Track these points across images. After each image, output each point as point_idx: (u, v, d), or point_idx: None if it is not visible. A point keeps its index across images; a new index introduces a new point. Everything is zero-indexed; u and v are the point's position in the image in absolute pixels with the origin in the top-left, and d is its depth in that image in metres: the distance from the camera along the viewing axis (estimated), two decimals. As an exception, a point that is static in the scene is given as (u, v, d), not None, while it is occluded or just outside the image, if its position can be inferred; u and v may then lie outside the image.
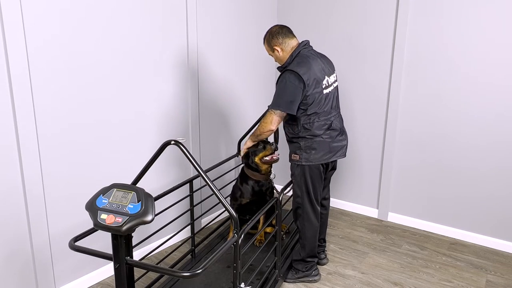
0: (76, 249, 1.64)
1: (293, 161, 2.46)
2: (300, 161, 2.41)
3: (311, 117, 2.35)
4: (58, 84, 2.21)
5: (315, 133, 2.37)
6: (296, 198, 2.50)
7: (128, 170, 2.65)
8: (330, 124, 2.42)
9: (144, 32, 2.62)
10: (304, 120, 2.36)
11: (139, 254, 2.72)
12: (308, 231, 2.52)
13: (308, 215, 2.49)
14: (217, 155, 3.44)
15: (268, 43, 2.44)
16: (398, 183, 3.49)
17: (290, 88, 2.28)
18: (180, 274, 1.60)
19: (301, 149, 2.40)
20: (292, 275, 2.63)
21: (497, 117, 2.97)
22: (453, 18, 3.01)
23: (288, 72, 2.30)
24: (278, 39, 2.39)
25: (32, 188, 2.16)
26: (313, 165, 2.41)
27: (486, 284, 2.69)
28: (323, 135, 2.39)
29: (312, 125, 2.36)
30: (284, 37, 2.40)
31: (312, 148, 2.38)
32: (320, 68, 2.36)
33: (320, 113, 2.37)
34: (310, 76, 2.28)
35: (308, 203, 2.47)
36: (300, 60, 2.32)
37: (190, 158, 1.78)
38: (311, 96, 2.30)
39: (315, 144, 2.38)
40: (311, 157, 2.39)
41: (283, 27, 2.44)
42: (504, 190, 3.03)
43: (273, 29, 2.43)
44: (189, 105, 3.06)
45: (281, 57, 2.42)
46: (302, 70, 2.27)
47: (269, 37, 2.43)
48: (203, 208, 3.21)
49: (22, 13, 1.99)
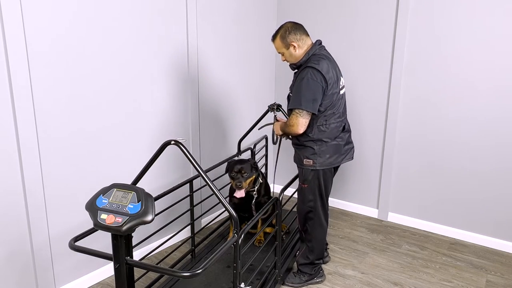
0: (76, 249, 1.64)
1: (305, 166, 2.38)
2: (314, 165, 2.35)
3: (329, 117, 2.30)
4: (58, 84, 2.21)
5: (330, 136, 2.32)
6: (308, 203, 2.44)
7: (128, 170, 2.64)
8: (344, 126, 2.41)
9: (144, 34, 2.62)
10: (321, 121, 2.29)
11: (139, 254, 2.72)
12: (319, 234, 2.51)
13: (320, 218, 2.47)
14: (217, 155, 3.44)
15: (282, 39, 2.30)
16: (398, 183, 3.49)
17: (313, 85, 2.19)
18: (180, 274, 1.60)
19: (316, 154, 2.33)
20: (300, 279, 2.59)
21: (497, 118, 2.97)
22: (453, 20, 3.01)
23: (310, 69, 2.20)
24: (296, 34, 2.28)
25: (32, 188, 2.16)
26: (327, 168, 2.38)
27: (486, 284, 2.69)
28: (338, 138, 2.36)
29: (329, 126, 2.31)
30: (301, 33, 2.30)
31: (327, 153, 2.34)
32: (334, 68, 2.32)
33: (337, 114, 2.33)
34: (331, 75, 2.24)
35: (320, 206, 2.45)
36: (318, 59, 2.24)
37: (190, 158, 1.78)
38: (330, 96, 2.26)
39: (330, 148, 2.34)
40: (326, 161, 2.35)
41: (298, 24, 2.34)
42: (504, 191, 3.03)
43: (288, 25, 2.31)
44: (189, 105, 3.06)
45: (296, 55, 2.31)
46: (324, 68, 2.21)
47: (284, 33, 2.29)
48: (203, 208, 3.21)
49: (22, 18, 1.98)
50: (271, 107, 2.85)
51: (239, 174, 2.64)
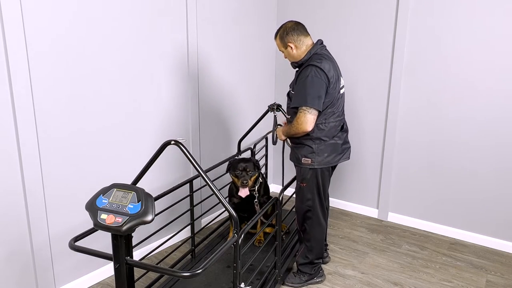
0: (76, 249, 1.64)
1: (303, 165, 2.39)
2: (312, 164, 2.36)
3: (328, 116, 2.31)
4: (58, 84, 2.21)
5: (328, 135, 2.33)
6: (306, 202, 2.45)
7: (128, 170, 2.64)
8: (342, 126, 2.42)
9: (144, 34, 2.62)
10: (320, 120, 2.29)
11: (139, 254, 2.72)
12: (318, 234, 2.51)
13: (319, 218, 2.47)
14: (217, 155, 3.44)
15: (281, 39, 2.34)
16: (398, 183, 3.49)
17: (317, 83, 2.19)
18: (180, 274, 1.60)
19: (314, 153, 2.34)
20: (300, 279, 2.59)
21: (497, 118, 2.97)
22: (453, 21, 3.01)
23: (313, 67, 2.21)
24: (293, 35, 2.31)
25: (32, 188, 2.16)
26: (325, 167, 2.39)
27: (486, 284, 2.69)
28: (335, 137, 2.37)
29: (328, 125, 2.32)
30: (299, 34, 2.32)
31: (325, 151, 2.35)
32: (335, 68, 2.34)
33: (336, 113, 2.34)
34: (332, 74, 2.25)
35: (319, 205, 2.45)
36: (321, 58, 2.26)
37: (190, 158, 1.78)
38: (331, 94, 2.27)
39: (328, 147, 2.35)
40: (324, 160, 2.36)
41: (298, 23, 2.36)
42: (504, 191, 3.03)
43: (288, 24, 2.34)
44: (189, 105, 3.06)
45: (294, 55, 2.34)
46: (326, 66, 2.22)
47: (282, 33, 2.33)
48: (203, 208, 3.21)
49: (22, 18, 1.98)
50: (271, 107, 2.85)
51: (244, 172, 2.64)
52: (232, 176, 2.73)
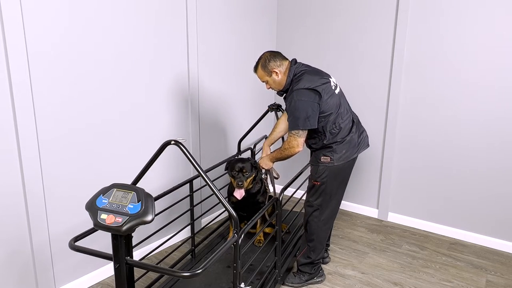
0: (76, 249, 1.64)
1: (322, 164, 2.40)
2: (332, 162, 2.38)
3: (336, 120, 2.35)
4: (58, 84, 2.21)
5: (343, 135, 2.37)
6: (316, 201, 2.45)
7: (128, 170, 2.64)
8: (353, 119, 2.45)
9: (144, 34, 2.62)
10: (330, 126, 2.34)
11: (139, 254, 2.72)
12: (323, 233, 2.52)
13: (326, 218, 2.49)
14: (217, 155, 3.44)
15: (264, 68, 2.39)
16: (398, 183, 3.49)
17: (300, 105, 2.24)
18: (180, 274, 1.60)
19: (333, 151, 2.37)
20: (300, 279, 2.59)
21: (497, 118, 2.97)
22: (453, 21, 3.01)
23: (294, 92, 2.27)
24: (276, 61, 2.36)
25: (32, 188, 2.16)
26: (346, 162, 2.42)
27: (486, 284, 2.69)
28: (351, 133, 2.41)
29: (339, 127, 2.36)
30: (280, 59, 2.38)
31: (343, 148, 2.38)
32: (319, 74, 2.36)
33: (342, 113, 2.38)
34: (318, 85, 2.28)
35: (328, 205, 2.46)
36: (299, 78, 2.31)
37: (190, 158, 1.78)
38: (329, 102, 2.30)
39: (346, 144, 2.39)
40: (343, 156, 2.39)
41: (275, 51, 2.43)
42: (504, 191, 3.03)
43: (267, 54, 2.40)
44: (189, 105, 3.06)
45: (279, 80, 2.38)
46: (306, 84, 2.26)
47: (264, 62, 2.38)
48: (203, 208, 3.21)
49: (22, 18, 1.98)
50: (271, 107, 2.85)
51: (240, 173, 2.64)
52: (229, 176, 2.73)
